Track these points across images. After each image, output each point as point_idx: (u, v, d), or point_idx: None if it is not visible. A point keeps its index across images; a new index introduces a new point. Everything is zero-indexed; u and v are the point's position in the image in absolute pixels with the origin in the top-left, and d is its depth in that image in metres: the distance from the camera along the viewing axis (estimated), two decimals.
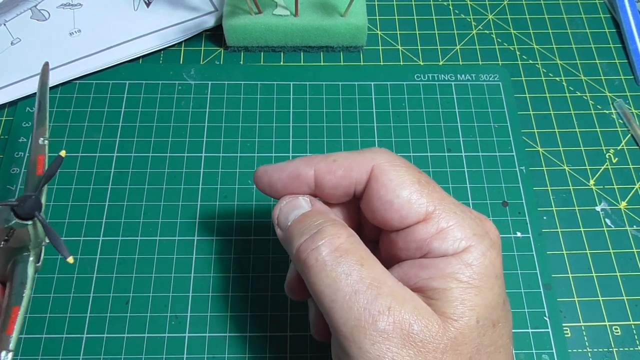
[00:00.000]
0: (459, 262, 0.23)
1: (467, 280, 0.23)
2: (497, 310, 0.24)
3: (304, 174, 0.26)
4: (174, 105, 0.41)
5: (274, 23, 0.42)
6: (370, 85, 0.42)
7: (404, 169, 0.25)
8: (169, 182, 0.38)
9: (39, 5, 0.45)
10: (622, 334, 0.34)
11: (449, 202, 0.25)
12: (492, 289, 0.24)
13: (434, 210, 0.24)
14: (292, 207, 0.27)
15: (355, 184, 0.26)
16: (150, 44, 0.43)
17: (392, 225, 0.25)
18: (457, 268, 0.23)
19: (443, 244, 0.24)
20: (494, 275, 0.24)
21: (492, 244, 0.24)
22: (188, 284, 0.35)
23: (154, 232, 0.36)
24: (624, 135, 0.41)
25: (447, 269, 0.23)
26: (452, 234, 0.24)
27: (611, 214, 0.38)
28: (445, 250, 0.24)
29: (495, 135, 0.40)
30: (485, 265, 0.24)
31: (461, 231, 0.24)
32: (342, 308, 0.22)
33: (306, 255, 0.24)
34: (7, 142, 0.39)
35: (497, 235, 0.26)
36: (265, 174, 0.28)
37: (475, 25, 0.46)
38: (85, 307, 0.34)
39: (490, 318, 0.23)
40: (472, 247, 0.24)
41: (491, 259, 0.24)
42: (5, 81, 0.41)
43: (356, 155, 0.26)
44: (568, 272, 0.36)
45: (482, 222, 0.25)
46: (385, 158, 0.26)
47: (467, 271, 0.23)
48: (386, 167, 0.25)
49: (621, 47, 0.45)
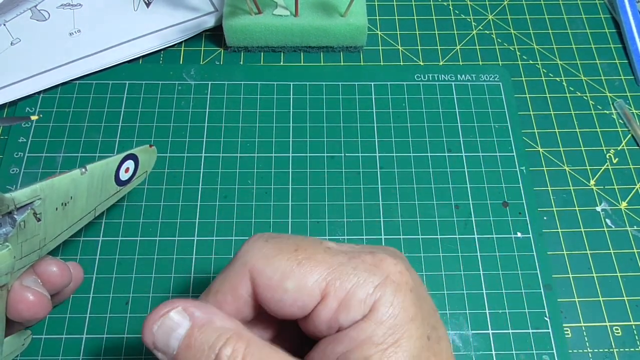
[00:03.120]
0: (370, 325, 0.22)
1: (383, 340, 0.22)
2: (425, 351, 0.23)
3: None
4: (174, 106, 0.41)
5: (274, 23, 0.42)
6: (370, 86, 0.42)
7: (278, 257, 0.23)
8: (169, 182, 0.38)
9: (39, 5, 0.45)
10: (622, 335, 0.34)
11: (337, 266, 0.23)
12: (411, 336, 0.22)
13: (327, 284, 0.23)
14: (168, 329, 0.23)
15: (251, 297, 0.24)
16: (150, 44, 0.43)
17: (295, 316, 0.23)
18: (369, 331, 0.22)
19: (350, 313, 0.22)
20: (409, 320, 0.23)
21: (396, 288, 0.23)
22: (188, 284, 0.35)
23: (154, 232, 0.36)
24: (624, 136, 0.41)
25: (360, 336, 0.22)
26: (354, 298, 0.22)
27: (611, 214, 0.38)
28: (353, 318, 0.22)
29: (496, 135, 0.40)
30: (395, 315, 0.22)
31: (361, 290, 0.22)
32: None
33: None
34: (6, 142, 0.39)
35: (399, 272, 0.24)
36: None
37: (475, 25, 0.46)
38: (85, 307, 0.34)
39: None
40: (377, 301, 0.22)
41: (400, 304, 0.23)
42: (5, 81, 0.41)
43: (231, 271, 0.24)
44: (568, 272, 0.36)
45: (379, 267, 0.23)
46: (256, 254, 0.24)
47: (380, 330, 0.22)
48: (260, 266, 0.23)
49: (621, 47, 0.45)
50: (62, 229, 0.29)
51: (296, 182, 0.38)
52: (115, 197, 0.33)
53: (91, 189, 0.30)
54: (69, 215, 0.29)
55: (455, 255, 0.36)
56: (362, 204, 0.38)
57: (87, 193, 0.30)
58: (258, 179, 0.38)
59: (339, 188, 0.38)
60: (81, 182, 0.29)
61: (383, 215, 0.37)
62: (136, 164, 0.33)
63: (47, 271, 0.29)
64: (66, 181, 0.28)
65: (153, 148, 0.34)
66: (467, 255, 0.36)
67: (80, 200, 0.29)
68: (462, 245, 0.36)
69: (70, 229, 0.30)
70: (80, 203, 0.30)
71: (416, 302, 0.23)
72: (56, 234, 0.29)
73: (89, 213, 0.31)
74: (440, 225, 0.37)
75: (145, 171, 0.35)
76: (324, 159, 0.39)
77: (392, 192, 0.38)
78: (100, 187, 0.31)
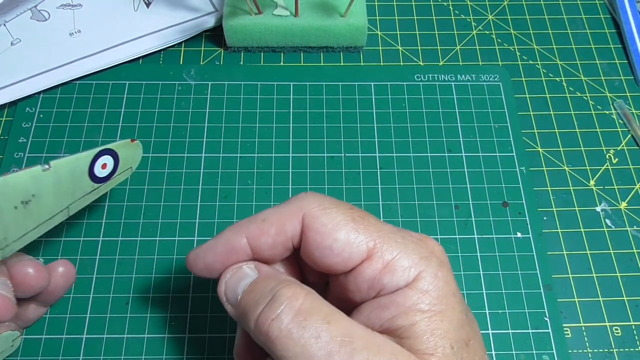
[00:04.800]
0: (415, 292, 0.23)
1: (429, 308, 0.23)
2: (465, 328, 0.23)
3: (237, 244, 0.25)
4: (174, 106, 0.41)
5: (274, 23, 0.42)
6: (370, 86, 0.42)
7: (335, 209, 0.24)
8: (169, 183, 0.38)
9: (39, 5, 0.45)
10: (622, 335, 0.34)
11: (387, 232, 0.24)
12: (454, 309, 0.23)
13: (375, 244, 0.23)
14: (237, 278, 0.25)
15: (291, 238, 0.25)
16: (150, 44, 0.43)
17: (337, 269, 0.24)
18: (415, 299, 0.23)
19: (393, 277, 0.23)
20: (452, 294, 0.23)
21: (440, 263, 0.24)
22: (188, 285, 0.35)
23: (154, 232, 0.36)
24: (624, 136, 0.41)
25: (406, 303, 0.23)
26: (399, 264, 0.23)
27: (611, 214, 0.38)
28: (397, 283, 0.23)
29: (496, 135, 0.40)
30: (440, 287, 0.23)
31: (407, 259, 0.23)
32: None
33: (267, 328, 0.22)
34: (6, 142, 0.39)
35: (442, 251, 0.25)
36: (197, 259, 0.26)
37: (475, 25, 0.46)
38: (85, 307, 0.34)
39: (461, 339, 0.23)
40: (423, 272, 0.23)
41: (444, 278, 0.23)
42: (5, 81, 0.41)
43: (284, 207, 0.25)
44: (568, 272, 0.36)
45: (424, 242, 0.25)
46: (314, 203, 0.25)
47: (426, 299, 0.23)
48: (317, 213, 0.24)
49: (621, 47, 0.45)
50: (27, 228, 0.28)
51: (296, 182, 0.38)
52: (95, 195, 0.31)
53: (59, 186, 0.28)
54: (33, 214, 0.28)
55: (455, 256, 0.36)
56: (362, 204, 0.38)
57: (54, 190, 0.28)
58: (258, 179, 0.38)
59: (339, 188, 0.38)
60: (44, 179, 0.27)
61: (383, 215, 0.37)
62: (116, 160, 0.31)
63: (22, 272, 0.29)
64: (24, 178, 0.27)
65: (136, 142, 0.33)
66: (467, 255, 0.36)
67: (46, 198, 0.28)
68: (462, 245, 0.36)
69: (38, 228, 0.28)
70: (47, 201, 0.28)
71: (455, 283, 0.24)
72: (20, 234, 0.27)
73: (61, 212, 0.29)
74: (440, 226, 0.37)
75: (130, 167, 0.33)
76: (324, 159, 0.39)
77: (392, 193, 0.38)
78: (71, 184, 0.29)
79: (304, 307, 0.22)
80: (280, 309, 0.22)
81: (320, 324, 0.22)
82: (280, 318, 0.22)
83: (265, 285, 0.24)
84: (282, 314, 0.22)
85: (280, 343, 0.21)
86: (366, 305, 0.24)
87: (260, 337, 0.22)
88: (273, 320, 0.22)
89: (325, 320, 0.22)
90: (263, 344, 0.22)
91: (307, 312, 0.22)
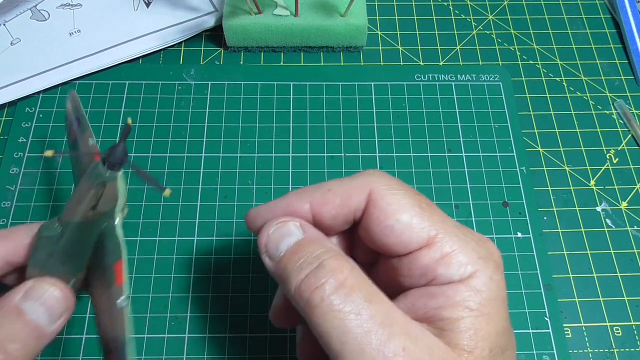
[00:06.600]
0: (467, 289, 0.23)
1: (478, 308, 0.22)
2: (506, 336, 0.23)
3: (299, 210, 0.25)
4: (174, 106, 0.41)
5: (274, 23, 0.42)
6: (371, 86, 0.42)
7: (402, 192, 0.24)
8: (169, 182, 0.38)
9: (39, 5, 0.45)
10: (622, 335, 0.34)
11: (450, 225, 0.24)
12: (500, 315, 0.23)
13: (436, 234, 0.23)
14: (281, 234, 0.24)
15: (354, 212, 0.25)
16: (150, 44, 0.43)
17: (393, 251, 0.24)
18: (466, 295, 0.22)
19: (448, 269, 0.23)
20: (502, 299, 0.23)
21: (496, 267, 0.24)
22: (188, 285, 0.35)
23: (154, 232, 0.36)
24: (625, 136, 0.41)
25: (456, 297, 0.22)
26: (456, 258, 0.23)
27: (612, 214, 0.38)
28: (450, 276, 0.23)
29: (496, 135, 0.40)
30: (492, 290, 0.23)
31: (466, 255, 0.23)
32: (353, 351, 0.21)
33: (309, 294, 0.22)
34: (6, 142, 0.39)
35: (499, 256, 0.25)
36: (257, 216, 0.26)
37: (475, 25, 0.46)
38: (85, 307, 0.34)
39: (500, 345, 0.23)
40: (479, 271, 0.23)
41: (498, 282, 0.23)
42: (5, 81, 0.41)
43: (351, 180, 0.25)
44: (569, 272, 0.36)
45: (484, 243, 0.24)
46: (381, 181, 0.25)
47: (476, 298, 0.22)
48: (384, 191, 0.24)
49: (621, 47, 0.45)
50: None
51: (296, 182, 0.38)
52: None
53: None
54: None
55: None
56: None
57: None
58: (258, 179, 0.38)
59: None
60: None
61: None
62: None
63: None
64: None
65: None
66: None
67: None
68: None
69: None
70: None
71: (506, 291, 0.24)
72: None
73: None
74: None
75: None
76: (324, 159, 0.39)
77: None
78: None
79: (348, 281, 0.22)
80: (325, 279, 0.22)
81: (362, 302, 0.21)
82: (323, 287, 0.22)
83: (310, 249, 0.23)
84: (326, 284, 0.22)
85: (319, 312, 0.21)
86: (414, 291, 0.24)
87: (300, 302, 0.22)
88: (317, 289, 0.22)
89: (367, 299, 0.22)
90: (301, 310, 0.22)
91: (350, 287, 0.22)
